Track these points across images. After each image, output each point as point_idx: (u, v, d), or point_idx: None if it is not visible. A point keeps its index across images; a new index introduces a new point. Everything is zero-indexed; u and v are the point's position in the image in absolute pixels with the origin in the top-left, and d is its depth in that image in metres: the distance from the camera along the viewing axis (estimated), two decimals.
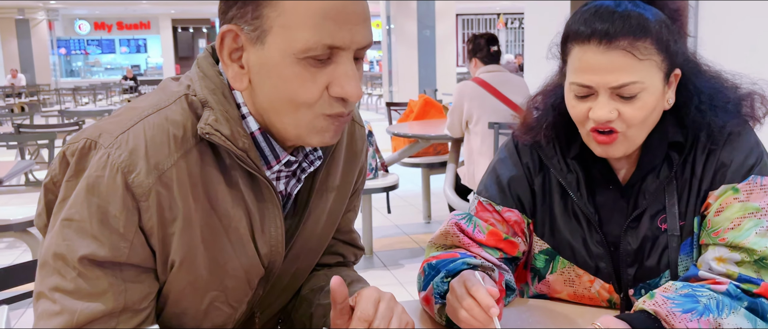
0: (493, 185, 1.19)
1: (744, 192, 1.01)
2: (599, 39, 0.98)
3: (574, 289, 1.15)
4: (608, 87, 0.99)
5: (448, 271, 1.06)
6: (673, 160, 1.05)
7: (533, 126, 1.15)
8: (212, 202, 0.83)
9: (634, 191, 1.09)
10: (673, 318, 0.92)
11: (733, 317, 0.92)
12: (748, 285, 0.96)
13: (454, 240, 1.17)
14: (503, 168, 1.19)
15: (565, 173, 1.13)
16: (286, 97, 0.80)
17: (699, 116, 1.03)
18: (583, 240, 1.12)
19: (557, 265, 1.15)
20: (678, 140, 1.05)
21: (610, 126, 1.01)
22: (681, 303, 0.93)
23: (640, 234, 1.08)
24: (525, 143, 1.17)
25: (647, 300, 0.96)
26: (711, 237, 1.02)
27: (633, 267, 1.09)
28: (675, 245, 1.05)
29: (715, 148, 1.04)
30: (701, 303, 0.93)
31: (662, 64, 1.00)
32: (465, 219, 1.18)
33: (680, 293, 0.96)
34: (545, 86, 1.18)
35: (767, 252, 0.96)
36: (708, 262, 1.01)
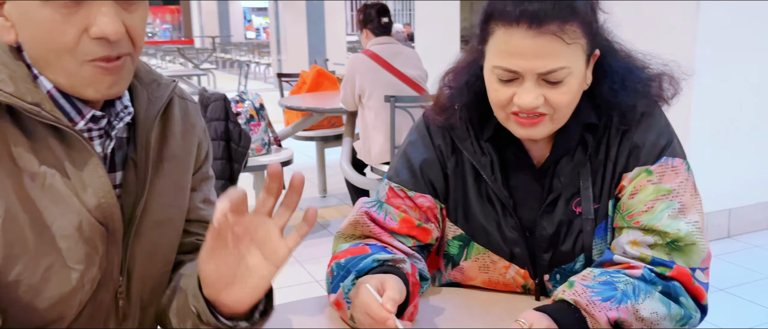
0: (405, 170, 1.13)
1: (657, 174, 1.01)
2: (529, 22, 0.92)
3: (488, 276, 1.12)
4: (536, 72, 0.95)
5: (358, 272, 1.00)
6: (588, 141, 1.04)
7: (446, 106, 1.10)
8: (17, 163, 0.80)
9: (548, 174, 1.07)
10: (594, 306, 0.91)
11: (648, 301, 0.93)
12: (661, 269, 0.97)
13: (364, 230, 1.11)
14: (414, 151, 1.13)
15: (479, 156, 1.09)
16: (43, 45, 0.78)
17: (611, 96, 1.02)
18: (497, 225, 1.09)
19: (471, 251, 1.12)
20: (592, 121, 1.04)
21: (536, 109, 0.98)
22: (600, 291, 0.93)
23: (556, 219, 1.06)
24: (437, 124, 1.12)
25: (566, 289, 0.94)
26: (625, 220, 1.02)
27: (548, 252, 1.07)
28: (589, 229, 1.05)
29: (628, 130, 1.03)
30: (619, 289, 0.93)
31: (586, 47, 0.98)
32: (375, 207, 1.12)
33: (598, 280, 0.95)
34: (457, 63, 1.13)
35: (679, 234, 0.97)
36: (622, 246, 1.01)
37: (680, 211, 0.99)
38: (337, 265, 1.05)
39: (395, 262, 1.02)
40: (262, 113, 3.56)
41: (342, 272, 1.03)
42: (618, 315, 0.90)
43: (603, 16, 1.03)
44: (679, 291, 0.96)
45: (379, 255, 1.02)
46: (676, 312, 0.95)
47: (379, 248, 1.07)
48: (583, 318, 0.91)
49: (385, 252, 1.05)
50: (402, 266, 1.02)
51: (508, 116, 1.01)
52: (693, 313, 0.97)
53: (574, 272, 1.07)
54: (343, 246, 1.11)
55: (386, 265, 1.01)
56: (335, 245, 1.14)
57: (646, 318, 0.92)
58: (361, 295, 0.91)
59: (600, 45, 1.02)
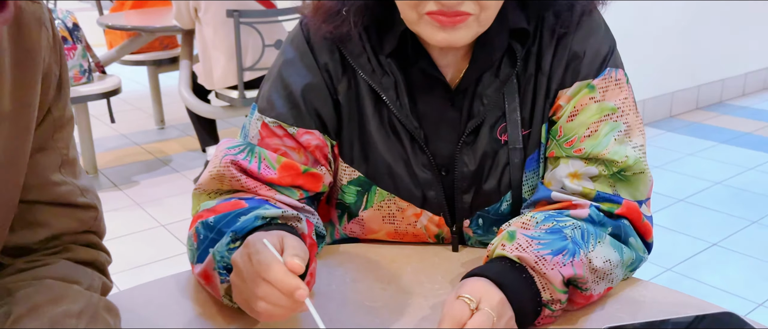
0: (282, 99, 0.85)
1: (600, 89, 0.82)
2: None
3: (394, 226, 0.90)
4: None
5: (235, 233, 0.73)
6: (516, 52, 0.82)
7: (333, 12, 0.82)
8: None
9: (467, 96, 0.84)
10: (544, 263, 0.71)
11: (599, 248, 0.76)
12: (608, 206, 0.80)
13: (234, 185, 0.83)
14: (293, 73, 0.85)
15: (379, 76, 0.84)
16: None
17: None
18: (405, 163, 0.86)
19: (373, 198, 0.88)
20: (522, 26, 0.81)
21: (459, 8, 0.73)
22: (548, 242, 0.73)
23: (478, 152, 0.85)
24: (322, 36, 0.84)
25: (507, 243, 0.74)
26: (563, 148, 0.83)
27: (469, 192, 0.86)
28: (518, 161, 0.85)
29: (565, 34, 0.83)
30: (569, 237, 0.75)
31: None
32: (244, 153, 0.84)
33: (543, 228, 0.76)
34: None
35: (628, 161, 0.80)
36: (560, 180, 0.82)
37: (626, 134, 0.82)
38: (203, 226, 0.77)
39: (286, 220, 0.76)
40: (77, 34, 3.00)
41: (211, 234, 0.76)
42: (573, 272, 0.72)
43: None
44: (629, 230, 0.80)
45: (263, 210, 0.75)
46: (628, 257, 0.79)
47: (258, 201, 0.80)
48: (532, 279, 0.72)
49: (269, 206, 0.79)
50: (295, 224, 0.77)
51: (420, 16, 0.76)
52: (642, 255, 0.82)
53: (501, 215, 0.87)
54: (209, 203, 0.82)
55: (274, 224, 0.74)
56: (196, 204, 0.85)
57: (600, 268, 0.75)
58: (255, 256, 0.64)
59: None
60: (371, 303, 0.79)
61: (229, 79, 2.93)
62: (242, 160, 0.83)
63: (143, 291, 0.83)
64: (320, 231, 0.85)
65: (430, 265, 0.87)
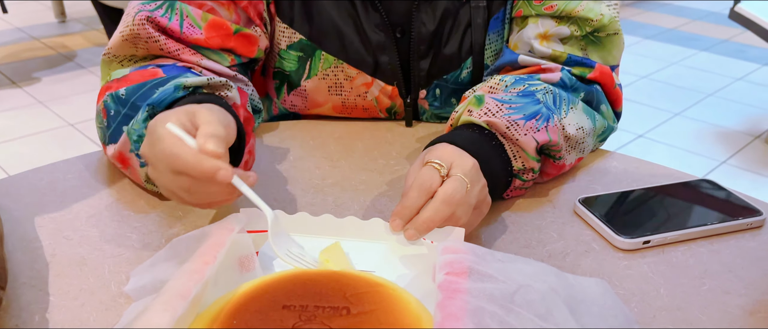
0: None
1: None
2: None
3: (341, 98, 0.79)
4: None
5: (152, 106, 0.60)
6: None
7: None
8: None
9: None
10: (516, 129, 0.63)
11: (573, 114, 0.69)
12: (580, 70, 0.72)
13: (151, 48, 0.69)
14: None
15: None
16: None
17: None
18: (355, 23, 0.74)
19: (318, 65, 0.77)
20: None
21: None
22: (520, 105, 0.65)
23: (438, 11, 0.74)
24: None
25: (474, 108, 0.65)
26: (533, 5, 0.73)
27: (427, 58, 0.76)
28: (481, 21, 0.75)
29: None
30: (541, 101, 0.66)
31: None
32: (163, 9, 0.69)
33: (514, 91, 0.67)
34: None
35: (603, 20, 0.72)
36: (528, 41, 0.73)
37: None
38: (113, 99, 0.64)
39: (213, 88, 0.64)
40: None
41: (124, 109, 0.63)
42: (548, 137, 0.64)
43: None
44: (601, 97, 0.74)
45: (184, 78, 0.62)
46: (600, 125, 0.73)
47: (179, 69, 0.67)
48: (502, 146, 0.64)
49: (191, 73, 0.66)
50: (225, 93, 0.64)
51: None
52: (612, 124, 0.76)
53: (461, 83, 0.78)
54: (120, 71, 0.68)
55: (198, 94, 0.62)
56: (105, 73, 0.71)
57: (572, 135, 0.68)
58: (158, 145, 0.51)
59: None
60: (321, 181, 0.69)
61: None
62: (160, 16, 0.68)
63: (43, 174, 0.70)
64: (256, 106, 0.74)
65: (383, 141, 0.78)
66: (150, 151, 0.53)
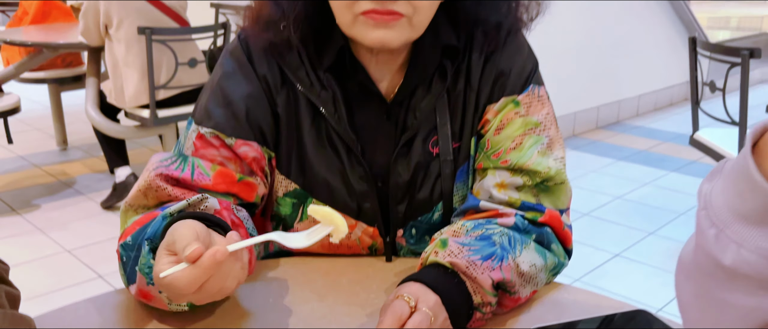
0: (220, 109, 0.85)
1: (524, 105, 0.87)
2: None
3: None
4: None
5: (150, 242, 0.71)
6: (446, 68, 0.86)
7: (272, 20, 0.83)
8: None
9: (402, 109, 0.87)
10: (475, 268, 0.75)
11: (526, 253, 0.80)
12: (532, 214, 0.85)
13: (160, 196, 0.81)
14: (233, 84, 0.85)
15: (318, 90, 0.85)
16: None
17: (474, 8, 0.85)
18: (342, 175, 0.87)
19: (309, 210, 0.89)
20: (452, 44, 0.85)
21: (393, 8, 0.76)
22: (478, 248, 0.77)
23: (412, 162, 0.88)
24: (262, 48, 0.85)
25: (439, 250, 0.77)
26: (491, 159, 0.87)
27: (403, 202, 0.89)
28: (449, 172, 0.88)
29: (492, 52, 0.88)
30: (497, 243, 0.78)
31: None
32: (176, 164, 0.83)
33: (474, 235, 0.79)
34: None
35: (550, 172, 0.85)
36: (488, 190, 0.86)
37: (548, 146, 0.87)
38: (123, 247, 0.75)
39: (192, 207, 0.75)
40: None
41: (132, 253, 0.74)
42: (502, 276, 0.76)
43: None
44: (551, 237, 0.85)
45: (168, 208, 0.74)
46: (551, 262, 0.84)
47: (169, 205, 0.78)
48: (463, 284, 0.75)
49: (173, 203, 0.78)
50: (202, 206, 0.76)
51: (355, 18, 0.78)
52: (563, 261, 0.87)
53: (433, 224, 0.90)
54: (130, 220, 0.80)
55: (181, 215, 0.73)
56: (123, 222, 0.83)
57: (526, 272, 0.79)
58: (168, 290, 0.64)
59: None
60: (309, 315, 0.79)
61: (142, 98, 2.84)
62: (174, 170, 0.81)
63: (56, 317, 0.79)
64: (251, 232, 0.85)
65: (365, 276, 0.88)
66: (170, 294, 0.65)
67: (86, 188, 3.28)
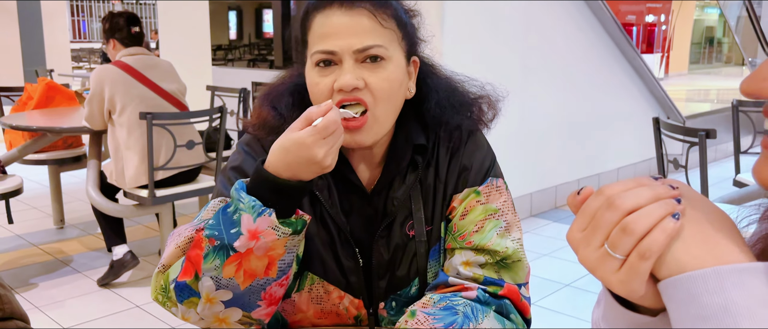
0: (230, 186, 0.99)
1: (484, 194, 1.03)
2: (341, 1, 0.94)
3: (321, 307, 1.04)
4: (353, 50, 0.93)
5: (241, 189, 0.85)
6: (418, 163, 1.02)
7: (277, 126, 1.00)
8: None
9: (381, 197, 1.03)
10: None
11: (486, 321, 0.94)
12: (493, 288, 0.99)
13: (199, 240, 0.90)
14: (251, 167, 1.00)
15: (316, 180, 1.00)
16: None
17: (438, 112, 1.02)
18: (334, 253, 1.01)
19: (305, 282, 1.03)
20: (421, 142, 1.02)
21: (357, 96, 0.93)
22: (442, 317, 0.91)
23: (392, 244, 1.02)
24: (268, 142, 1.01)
25: (409, 319, 0.92)
26: (457, 241, 1.02)
27: (384, 278, 1.03)
28: (423, 251, 1.02)
29: (457, 149, 1.04)
30: (460, 312, 0.93)
31: (402, 42, 0.98)
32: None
33: (439, 306, 0.94)
34: (282, 79, 1.04)
35: (508, 252, 1.00)
36: (455, 267, 1.00)
37: (506, 230, 1.02)
38: (210, 228, 0.85)
39: None
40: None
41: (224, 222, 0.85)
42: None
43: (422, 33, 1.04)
44: (510, 308, 0.99)
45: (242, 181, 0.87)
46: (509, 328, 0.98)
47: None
48: None
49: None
50: None
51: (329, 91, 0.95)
52: (521, 328, 1.01)
53: (410, 297, 1.04)
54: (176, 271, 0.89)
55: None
56: (159, 280, 0.91)
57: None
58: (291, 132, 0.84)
59: (420, 58, 1.04)
60: None
61: (142, 179, 2.98)
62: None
63: None
64: None
65: None
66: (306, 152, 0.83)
67: (83, 266, 3.37)
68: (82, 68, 12.67)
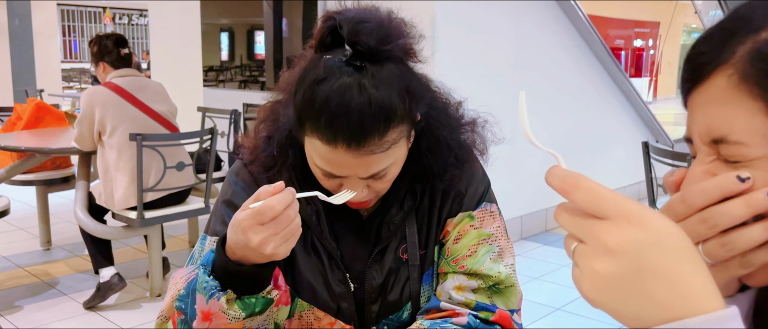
0: (223, 226, 0.99)
1: (478, 219, 1.03)
2: (347, 145, 0.85)
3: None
4: (359, 177, 0.90)
5: (204, 266, 0.84)
6: (416, 190, 1.02)
7: (270, 165, 0.99)
8: None
9: (376, 223, 1.02)
10: None
11: None
12: (485, 314, 0.98)
13: None
14: (242, 201, 1.00)
15: (304, 206, 1.00)
16: None
17: (434, 143, 1.01)
18: (324, 279, 1.00)
19: (295, 309, 1.02)
20: (418, 170, 1.01)
21: (362, 199, 0.94)
22: None
23: (385, 268, 1.02)
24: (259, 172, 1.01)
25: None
26: (450, 265, 1.01)
27: (376, 303, 1.02)
28: (416, 275, 1.02)
29: (453, 177, 1.03)
30: None
31: (409, 132, 0.92)
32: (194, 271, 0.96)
33: None
34: (273, 111, 1.01)
35: (501, 277, 0.99)
36: (448, 292, 1.00)
37: (499, 255, 1.02)
38: (179, 299, 0.89)
39: None
40: None
41: (188, 298, 0.87)
42: None
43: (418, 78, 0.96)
44: None
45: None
46: None
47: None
48: None
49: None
50: None
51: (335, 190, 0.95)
52: None
53: (402, 322, 1.03)
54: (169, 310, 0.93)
55: None
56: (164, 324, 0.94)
57: None
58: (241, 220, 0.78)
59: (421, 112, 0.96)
60: None
61: (131, 200, 2.96)
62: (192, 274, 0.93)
63: None
64: None
65: None
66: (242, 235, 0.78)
67: (69, 288, 3.33)
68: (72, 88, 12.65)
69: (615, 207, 0.41)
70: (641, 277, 0.40)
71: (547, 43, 4.24)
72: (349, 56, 0.85)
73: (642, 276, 0.39)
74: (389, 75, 0.86)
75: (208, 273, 0.83)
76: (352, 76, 0.83)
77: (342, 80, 0.83)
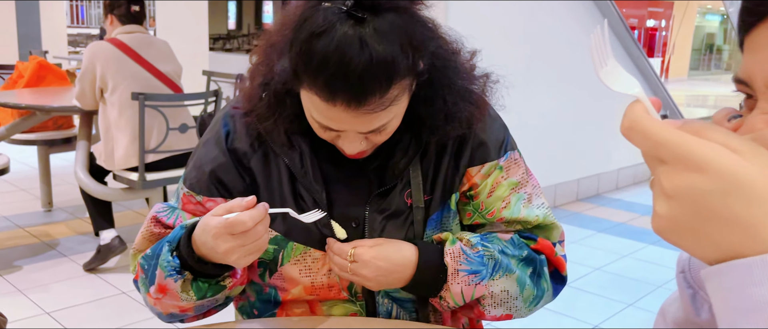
0: (193, 171, 0.98)
1: (505, 169, 1.00)
2: (346, 104, 0.80)
3: (311, 280, 0.98)
4: (358, 132, 0.86)
5: (169, 243, 0.87)
6: (421, 136, 0.95)
7: (266, 116, 0.93)
8: None
9: (373, 167, 0.98)
10: (455, 277, 0.91)
11: (503, 280, 0.93)
12: (526, 241, 0.99)
13: (156, 238, 0.96)
14: (206, 153, 0.98)
15: (287, 149, 0.95)
16: None
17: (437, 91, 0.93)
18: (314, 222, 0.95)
19: (290, 253, 0.97)
20: (420, 118, 0.94)
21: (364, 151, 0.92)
22: (471, 261, 0.92)
23: (388, 212, 0.97)
24: (245, 123, 0.97)
25: (449, 245, 0.93)
26: (485, 217, 0.99)
27: None
28: (420, 218, 0.97)
29: (470, 123, 0.97)
30: (489, 265, 0.92)
31: (411, 85, 0.87)
32: (167, 212, 0.96)
33: (474, 251, 0.93)
34: (268, 61, 0.93)
35: (539, 218, 0.99)
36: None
37: (529, 199, 1.00)
38: (144, 259, 0.92)
39: None
40: None
41: (153, 260, 0.89)
42: (472, 293, 0.92)
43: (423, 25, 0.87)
44: (544, 266, 0.97)
45: (185, 223, 0.90)
46: (528, 293, 0.95)
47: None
48: (444, 280, 0.92)
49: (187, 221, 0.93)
50: None
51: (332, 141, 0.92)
52: (544, 291, 0.98)
53: None
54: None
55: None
56: (133, 263, 0.97)
57: (496, 294, 0.93)
58: (214, 226, 0.80)
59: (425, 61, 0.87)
60: None
61: (131, 161, 2.89)
62: (164, 216, 0.96)
63: None
64: None
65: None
66: (211, 240, 0.79)
67: (69, 250, 3.28)
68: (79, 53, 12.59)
69: (671, 153, 0.41)
70: (699, 222, 0.39)
71: (562, 18, 4.12)
72: (351, 6, 0.78)
73: (700, 221, 0.39)
74: (392, 27, 0.79)
75: (171, 251, 0.87)
76: (352, 29, 0.77)
77: (342, 34, 0.77)
